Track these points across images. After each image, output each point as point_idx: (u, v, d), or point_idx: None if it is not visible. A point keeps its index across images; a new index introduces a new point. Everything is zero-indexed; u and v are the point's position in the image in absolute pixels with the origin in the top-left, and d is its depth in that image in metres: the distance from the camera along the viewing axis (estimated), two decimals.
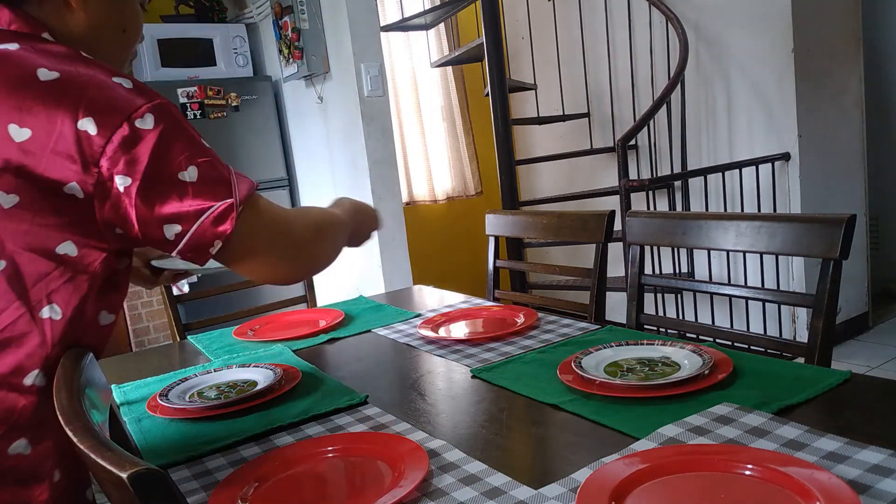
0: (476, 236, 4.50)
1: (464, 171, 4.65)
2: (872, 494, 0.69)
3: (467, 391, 1.15)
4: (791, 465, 0.73)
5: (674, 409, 0.95)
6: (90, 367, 0.80)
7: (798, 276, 3.21)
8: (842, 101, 3.37)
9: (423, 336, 1.48)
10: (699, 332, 1.52)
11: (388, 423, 1.03)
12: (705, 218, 1.42)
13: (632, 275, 1.57)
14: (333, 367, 1.36)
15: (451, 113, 4.58)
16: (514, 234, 2.01)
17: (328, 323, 1.66)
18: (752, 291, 1.43)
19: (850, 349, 3.35)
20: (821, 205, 3.26)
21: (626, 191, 3.06)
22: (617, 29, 3.84)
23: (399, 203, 3.09)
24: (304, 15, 3.07)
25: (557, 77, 4.16)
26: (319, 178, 3.46)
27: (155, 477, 0.48)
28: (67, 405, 0.63)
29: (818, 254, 1.21)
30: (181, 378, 1.31)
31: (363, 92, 2.95)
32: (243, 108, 3.50)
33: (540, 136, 4.50)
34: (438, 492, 0.81)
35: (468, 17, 4.43)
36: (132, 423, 1.15)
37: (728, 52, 3.34)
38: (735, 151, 3.37)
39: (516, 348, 1.33)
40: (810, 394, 0.95)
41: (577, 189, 3.96)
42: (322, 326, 1.65)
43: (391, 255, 3.06)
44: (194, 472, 0.94)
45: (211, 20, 3.66)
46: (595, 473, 0.77)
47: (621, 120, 3.88)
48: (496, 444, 0.93)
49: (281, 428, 1.06)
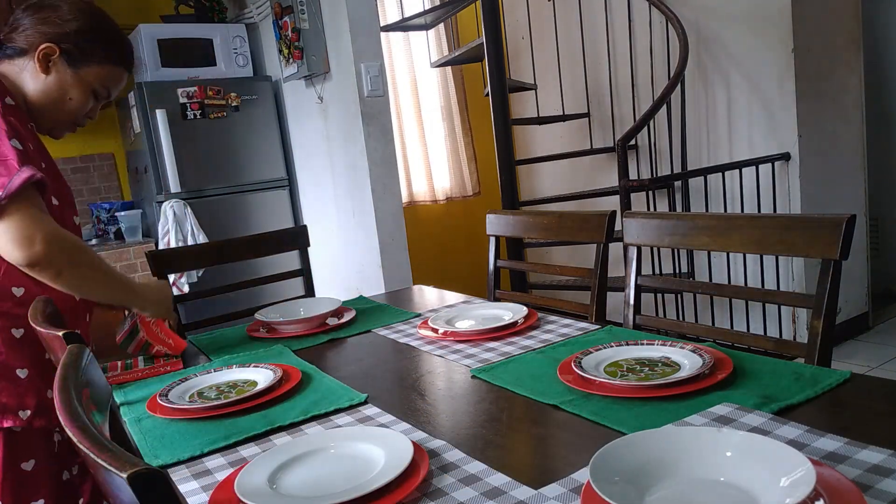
0: (476, 236, 4.50)
1: (463, 172, 4.65)
2: (872, 494, 0.69)
3: (467, 391, 1.15)
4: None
5: (674, 409, 0.95)
6: (90, 367, 0.80)
7: (798, 277, 3.21)
8: (842, 101, 3.37)
9: (423, 336, 1.48)
10: (698, 335, 1.51)
11: (388, 423, 1.03)
12: (703, 218, 1.42)
13: (629, 276, 1.57)
14: (333, 367, 1.36)
15: (451, 113, 4.58)
16: (515, 234, 2.01)
17: (339, 321, 1.68)
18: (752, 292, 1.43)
19: (850, 349, 3.35)
20: (821, 205, 3.26)
21: (626, 191, 3.06)
22: (617, 29, 3.84)
23: (399, 203, 3.09)
24: (304, 15, 3.07)
25: (557, 77, 4.16)
26: (319, 178, 3.46)
27: (155, 477, 0.48)
28: (67, 405, 0.63)
29: (818, 254, 1.21)
30: (181, 378, 1.31)
31: (363, 92, 2.95)
32: (243, 108, 3.50)
33: (540, 136, 4.50)
34: (438, 492, 0.81)
35: (468, 17, 4.43)
36: (132, 423, 1.15)
37: (728, 52, 3.34)
38: (735, 151, 3.37)
39: (516, 348, 1.33)
40: (810, 394, 0.95)
41: (577, 189, 3.96)
42: (333, 325, 1.66)
43: (391, 255, 3.06)
44: (194, 472, 0.94)
45: (211, 20, 3.66)
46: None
47: (621, 120, 3.88)
48: (496, 444, 0.93)
49: (281, 428, 1.06)
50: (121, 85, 1.42)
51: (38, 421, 1.27)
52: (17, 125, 1.23)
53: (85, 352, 0.81)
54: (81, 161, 3.72)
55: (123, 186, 3.86)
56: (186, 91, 3.33)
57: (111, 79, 1.38)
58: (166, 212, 3.26)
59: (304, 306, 1.80)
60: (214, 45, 3.51)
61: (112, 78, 1.39)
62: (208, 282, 3.26)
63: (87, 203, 3.71)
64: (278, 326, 1.68)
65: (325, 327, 1.66)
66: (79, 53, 1.31)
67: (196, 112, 3.36)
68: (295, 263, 2.20)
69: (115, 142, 3.82)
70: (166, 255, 2.01)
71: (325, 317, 1.69)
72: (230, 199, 3.49)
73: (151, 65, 3.33)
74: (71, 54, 1.31)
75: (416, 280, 2.96)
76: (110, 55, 1.36)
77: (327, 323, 1.69)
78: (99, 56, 1.34)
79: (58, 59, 1.30)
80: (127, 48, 1.41)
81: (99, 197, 3.79)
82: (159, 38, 3.35)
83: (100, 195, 3.79)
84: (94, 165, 3.77)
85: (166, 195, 3.30)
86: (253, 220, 3.54)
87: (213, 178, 3.44)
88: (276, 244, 2.21)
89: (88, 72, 1.34)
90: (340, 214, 3.32)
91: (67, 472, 1.36)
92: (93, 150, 3.76)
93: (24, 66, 1.30)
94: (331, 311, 1.71)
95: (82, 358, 0.78)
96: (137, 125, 3.34)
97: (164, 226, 3.27)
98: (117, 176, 3.84)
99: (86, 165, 3.74)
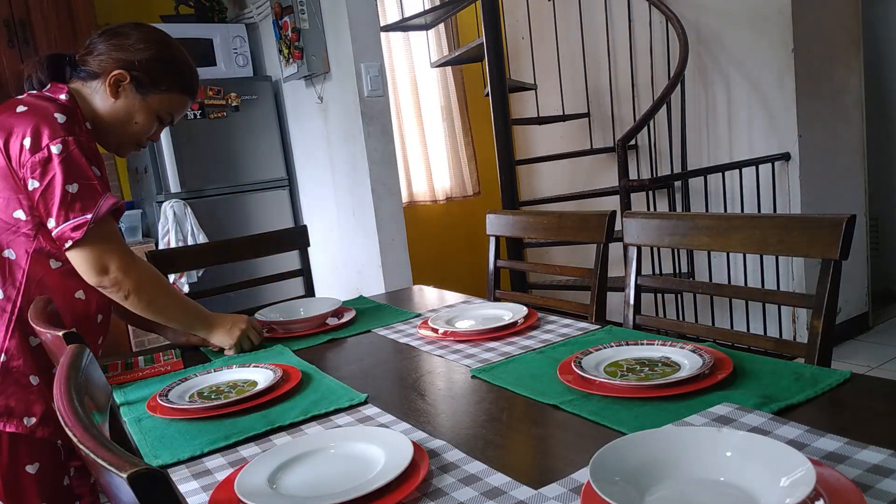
0: (476, 236, 4.50)
1: (463, 171, 4.65)
2: (873, 494, 0.69)
3: (467, 391, 1.15)
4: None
5: (674, 409, 0.95)
6: (90, 367, 0.80)
7: (798, 277, 3.21)
8: (842, 101, 3.37)
9: (423, 336, 1.48)
10: (698, 335, 1.51)
11: (388, 423, 1.03)
12: (703, 219, 1.42)
13: (629, 276, 1.57)
14: (333, 367, 1.36)
15: (451, 113, 4.58)
16: (515, 234, 2.01)
17: (340, 321, 1.68)
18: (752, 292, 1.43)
19: (851, 349, 3.36)
20: (821, 205, 3.26)
21: (627, 191, 3.06)
22: (617, 29, 3.84)
23: (399, 203, 3.09)
24: (304, 15, 3.07)
25: (557, 77, 4.16)
26: (319, 179, 3.46)
27: (155, 477, 0.48)
28: (67, 405, 0.63)
29: (818, 254, 1.21)
30: (181, 378, 1.31)
31: (363, 92, 2.95)
32: (243, 108, 3.50)
33: (540, 136, 4.50)
34: (438, 492, 0.81)
35: (468, 17, 4.43)
36: (132, 423, 1.15)
37: (728, 52, 3.34)
38: (735, 151, 3.37)
39: (516, 348, 1.33)
40: (810, 394, 0.95)
41: (577, 189, 3.96)
42: (333, 325, 1.67)
43: (391, 255, 3.06)
44: (194, 472, 0.94)
45: (211, 20, 3.65)
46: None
47: (621, 120, 3.88)
48: (496, 444, 0.93)
49: (281, 428, 1.06)
50: (184, 111, 1.49)
51: (41, 431, 1.29)
52: (97, 152, 1.31)
53: (85, 352, 0.81)
54: None
55: (123, 186, 3.86)
56: None
57: (176, 106, 1.44)
58: (166, 212, 3.26)
59: (305, 306, 1.80)
60: (214, 45, 3.51)
61: (177, 105, 1.44)
62: (208, 282, 3.26)
63: None
64: (279, 326, 1.68)
65: (326, 327, 1.66)
66: (148, 81, 1.37)
67: (196, 112, 3.36)
68: (295, 263, 2.20)
69: None
70: (166, 255, 2.01)
71: (325, 317, 1.69)
72: (230, 199, 3.49)
73: None
74: (140, 81, 1.37)
75: (416, 280, 2.96)
76: (177, 84, 1.42)
77: (327, 323, 1.69)
78: (166, 84, 1.40)
79: (127, 85, 1.36)
80: (194, 78, 1.46)
81: None
82: None
83: None
84: None
85: (166, 195, 3.30)
86: (253, 220, 3.54)
87: (213, 178, 3.44)
88: (276, 244, 2.21)
89: (155, 98, 1.39)
90: (340, 214, 3.32)
91: (66, 476, 1.36)
92: None
93: (96, 89, 1.37)
94: (331, 311, 1.71)
95: (82, 358, 0.78)
96: None
97: (165, 226, 3.27)
98: (117, 176, 3.83)
99: None
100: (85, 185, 1.25)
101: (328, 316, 1.70)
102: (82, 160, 1.25)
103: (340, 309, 1.77)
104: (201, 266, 2.66)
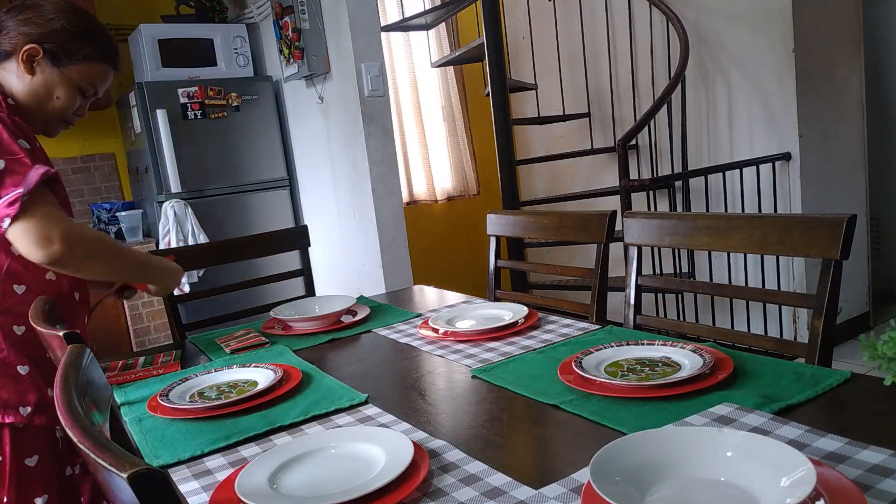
0: (476, 236, 4.50)
1: (464, 171, 4.65)
2: (873, 494, 0.69)
3: (467, 391, 1.15)
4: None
5: (674, 409, 0.95)
6: (90, 367, 0.80)
7: (798, 277, 3.21)
8: (842, 101, 3.37)
9: (424, 336, 1.48)
10: (699, 335, 1.51)
11: (389, 423, 1.03)
12: (704, 218, 1.42)
13: (629, 276, 1.57)
14: (334, 367, 1.36)
15: (451, 113, 4.58)
16: (515, 234, 2.01)
17: (354, 318, 1.70)
18: (753, 292, 1.43)
19: (851, 349, 3.35)
20: (821, 205, 3.25)
21: (627, 191, 3.06)
22: (617, 29, 3.84)
23: (399, 203, 3.09)
24: (304, 15, 3.07)
25: (557, 77, 4.16)
26: (320, 178, 3.46)
27: (155, 477, 0.48)
28: (67, 405, 0.63)
29: (818, 254, 1.21)
30: (181, 378, 1.32)
31: (363, 92, 2.95)
32: (244, 108, 3.50)
33: (540, 135, 4.49)
34: (438, 492, 0.81)
35: (468, 17, 4.43)
36: (132, 423, 1.15)
37: (728, 52, 3.34)
38: (735, 151, 3.37)
39: (516, 348, 1.33)
40: (811, 394, 0.95)
41: (577, 189, 3.96)
42: (348, 322, 1.68)
43: (391, 254, 3.06)
44: (194, 472, 0.95)
45: (211, 20, 3.66)
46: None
47: (621, 120, 3.88)
48: (496, 444, 0.93)
49: (281, 428, 1.06)
50: (107, 82, 1.43)
51: (39, 419, 1.28)
52: (21, 124, 1.25)
53: (85, 352, 0.81)
54: (82, 161, 3.73)
55: (124, 186, 3.86)
56: (187, 91, 3.33)
57: (97, 76, 1.39)
58: (167, 212, 3.26)
59: (320, 304, 1.82)
60: (215, 45, 3.51)
61: (97, 75, 1.39)
62: (209, 282, 3.26)
63: (87, 203, 3.71)
64: (294, 323, 1.69)
65: (339, 325, 1.67)
66: (62, 52, 1.32)
67: (196, 112, 3.36)
68: (295, 263, 2.20)
69: (116, 142, 3.82)
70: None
71: (340, 314, 1.71)
72: (230, 199, 3.49)
73: (152, 65, 3.33)
74: (54, 54, 1.31)
75: (416, 280, 2.96)
76: (94, 52, 1.36)
77: (342, 321, 1.70)
78: (82, 54, 1.34)
79: (42, 59, 1.31)
80: (110, 45, 1.41)
81: (99, 197, 3.79)
82: (160, 38, 3.35)
83: (100, 195, 3.79)
84: (95, 165, 3.77)
85: (167, 195, 3.30)
86: (253, 220, 3.54)
87: (213, 178, 3.44)
88: (277, 244, 2.21)
89: (73, 70, 1.34)
90: (341, 214, 3.32)
91: (70, 468, 1.36)
92: (93, 151, 3.76)
93: (11, 69, 1.31)
94: (346, 309, 1.73)
95: (83, 358, 0.78)
96: (138, 125, 3.34)
97: (165, 226, 3.27)
98: (118, 176, 3.84)
99: (86, 165, 3.74)
100: (11, 159, 1.18)
101: (342, 313, 1.72)
102: (4, 135, 1.19)
103: (355, 307, 1.79)
104: (202, 266, 2.65)
